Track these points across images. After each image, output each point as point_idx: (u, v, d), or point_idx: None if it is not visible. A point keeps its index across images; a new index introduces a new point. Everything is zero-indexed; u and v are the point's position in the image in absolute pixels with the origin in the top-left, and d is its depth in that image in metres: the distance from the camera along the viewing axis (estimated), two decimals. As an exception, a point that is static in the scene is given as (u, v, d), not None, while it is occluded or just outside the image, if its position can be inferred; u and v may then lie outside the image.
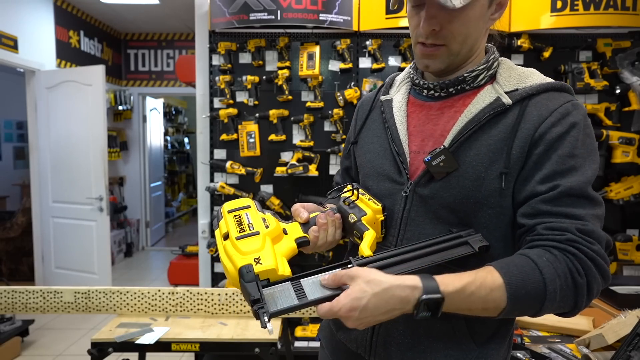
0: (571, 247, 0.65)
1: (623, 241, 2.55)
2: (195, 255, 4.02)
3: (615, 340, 1.35)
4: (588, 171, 0.68)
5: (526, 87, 0.75)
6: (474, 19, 0.74)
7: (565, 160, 0.68)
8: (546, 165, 0.69)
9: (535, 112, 0.72)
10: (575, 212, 0.67)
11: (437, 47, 0.75)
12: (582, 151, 0.69)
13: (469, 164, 0.73)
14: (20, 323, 3.08)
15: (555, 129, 0.69)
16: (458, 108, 0.78)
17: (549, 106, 0.72)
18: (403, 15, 2.54)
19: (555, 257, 0.65)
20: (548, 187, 0.67)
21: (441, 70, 0.79)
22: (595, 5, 2.50)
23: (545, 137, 0.70)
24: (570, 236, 0.65)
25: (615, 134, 2.59)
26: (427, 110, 0.81)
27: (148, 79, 5.85)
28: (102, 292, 2.02)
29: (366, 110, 0.94)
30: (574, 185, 0.67)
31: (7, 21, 3.70)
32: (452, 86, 0.79)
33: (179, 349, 1.83)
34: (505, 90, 0.75)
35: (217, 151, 2.77)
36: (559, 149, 0.69)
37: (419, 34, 0.75)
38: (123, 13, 5.04)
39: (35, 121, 4.15)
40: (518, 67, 0.81)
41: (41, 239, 4.23)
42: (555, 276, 0.64)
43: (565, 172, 0.68)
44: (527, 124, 0.71)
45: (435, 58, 0.76)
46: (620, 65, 2.62)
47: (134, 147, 5.89)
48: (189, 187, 8.77)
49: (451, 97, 0.80)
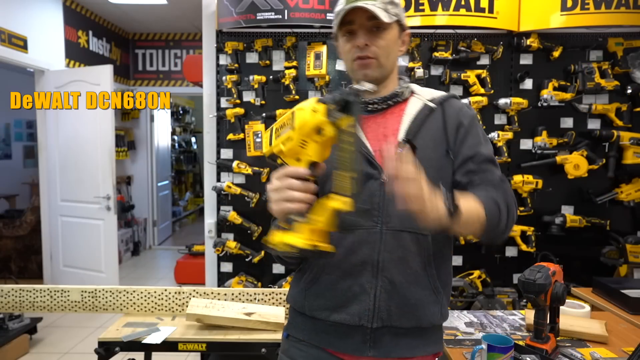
0: (499, 185, 0.99)
1: (634, 243, 2.51)
2: (201, 255, 4.03)
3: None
4: (490, 147, 1.07)
5: (437, 96, 1.07)
6: (392, 41, 1.01)
7: (477, 138, 1.03)
8: (468, 140, 1.02)
9: (451, 110, 1.04)
10: (492, 169, 1.02)
11: (370, 59, 0.99)
12: (482, 133, 1.06)
13: (420, 149, 0.97)
14: (28, 321, 3.11)
15: (466, 120, 1.04)
16: (397, 114, 1.04)
17: (456, 106, 1.06)
18: (411, 14, 2.52)
19: (495, 192, 0.96)
20: (473, 153, 1.01)
21: (376, 79, 1.01)
22: (607, 4, 2.47)
23: (463, 124, 1.03)
24: (497, 180, 1.00)
25: (626, 135, 2.56)
26: (374, 120, 1.04)
27: (156, 78, 5.87)
28: (108, 292, 2.03)
29: None
30: (486, 153, 1.02)
31: (16, 21, 3.73)
32: (389, 99, 1.04)
33: (185, 349, 1.83)
34: (427, 99, 1.05)
35: (223, 151, 2.77)
36: (471, 131, 1.03)
37: (355, 52, 0.99)
38: (131, 13, 5.07)
39: (44, 120, 4.19)
40: (424, 88, 1.12)
41: (50, 237, 4.27)
42: (503, 202, 0.95)
43: (479, 145, 1.02)
44: (450, 118, 1.03)
45: (370, 67, 1.00)
46: (632, 65, 2.58)
47: (141, 147, 5.93)
48: (195, 186, 8.81)
49: (389, 108, 1.05)
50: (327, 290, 0.99)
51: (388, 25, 0.99)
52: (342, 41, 1.03)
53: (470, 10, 2.50)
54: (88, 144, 3.93)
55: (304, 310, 1.03)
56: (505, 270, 2.71)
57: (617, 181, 2.64)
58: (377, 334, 0.97)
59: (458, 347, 1.36)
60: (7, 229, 4.47)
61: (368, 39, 0.98)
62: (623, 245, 2.51)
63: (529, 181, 2.58)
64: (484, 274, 2.64)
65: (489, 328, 1.52)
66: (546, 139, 2.59)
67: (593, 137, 2.60)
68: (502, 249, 2.70)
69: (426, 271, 0.97)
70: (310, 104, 0.78)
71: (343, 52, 1.04)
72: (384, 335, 0.97)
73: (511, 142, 2.63)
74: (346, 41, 1.02)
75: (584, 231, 2.64)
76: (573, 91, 2.58)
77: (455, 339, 1.42)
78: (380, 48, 0.99)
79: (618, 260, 2.54)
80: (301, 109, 0.79)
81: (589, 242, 2.65)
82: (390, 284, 0.95)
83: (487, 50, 2.61)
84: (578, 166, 2.56)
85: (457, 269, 2.69)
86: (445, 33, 2.63)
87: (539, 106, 2.60)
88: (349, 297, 0.97)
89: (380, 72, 1.02)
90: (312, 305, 1.01)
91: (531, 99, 2.62)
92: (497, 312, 1.69)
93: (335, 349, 1.00)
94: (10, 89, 3.69)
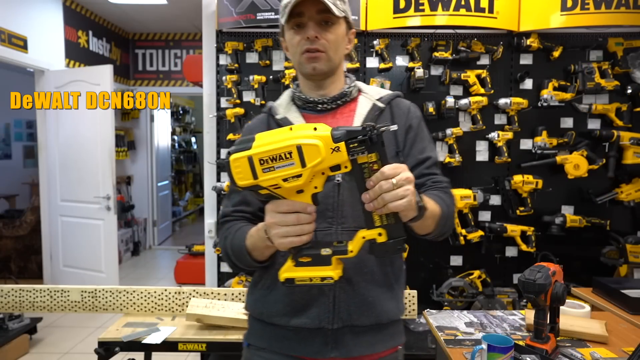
0: (447, 189, 1.06)
1: (634, 243, 2.51)
2: (201, 255, 4.03)
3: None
4: (434, 148, 1.12)
5: (385, 95, 1.09)
6: (340, 36, 1.02)
7: (425, 140, 1.08)
8: (418, 143, 1.07)
9: (399, 110, 1.07)
10: (439, 173, 1.08)
11: (320, 52, 0.99)
12: (428, 135, 1.11)
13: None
14: (28, 321, 3.11)
15: (414, 121, 1.08)
16: (347, 113, 1.06)
17: (404, 107, 1.09)
18: (411, 14, 2.52)
19: (445, 195, 1.02)
20: (424, 157, 1.06)
21: (324, 73, 1.02)
22: (607, 4, 2.46)
23: (412, 126, 1.07)
24: (445, 185, 1.06)
25: (626, 135, 2.56)
26: (324, 120, 1.02)
27: (156, 78, 5.87)
28: (108, 292, 2.03)
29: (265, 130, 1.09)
30: (434, 157, 1.09)
31: (17, 21, 3.73)
32: (339, 99, 1.06)
33: (185, 349, 1.83)
34: (375, 98, 1.08)
35: (223, 151, 2.77)
36: (420, 134, 1.08)
37: (304, 44, 0.99)
38: (131, 13, 5.07)
39: (44, 120, 4.19)
40: (369, 85, 1.16)
41: (49, 237, 4.27)
42: (451, 203, 1.03)
43: (428, 148, 1.08)
44: (398, 118, 1.06)
45: (319, 61, 1.00)
46: (632, 65, 2.58)
47: (141, 147, 5.93)
48: (195, 186, 8.80)
49: (338, 107, 1.07)
50: (285, 296, 0.98)
51: (337, 20, 1.00)
52: (290, 34, 1.02)
53: (470, 10, 2.50)
54: (88, 144, 3.93)
55: (262, 317, 1.03)
56: (505, 270, 2.71)
57: (617, 181, 2.64)
58: (338, 335, 0.98)
59: (458, 347, 1.36)
60: (7, 229, 4.47)
61: (318, 32, 0.98)
62: (623, 245, 2.51)
63: (529, 181, 2.58)
64: (484, 274, 2.64)
65: (489, 328, 1.52)
66: (546, 139, 2.59)
67: (593, 137, 2.60)
68: (502, 249, 2.70)
69: (381, 269, 1.00)
70: (322, 138, 0.74)
71: (291, 46, 1.03)
72: (344, 335, 0.98)
73: (511, 142, 2.63)
74: (294, 34, 1.01)
75: (584, 231, 2.64)
76: (573, 91, 2.58)
77: (455, 339, 1.42)
78: (330, 42, 0.99)
79: (618, 260, 2.54)
80: (312, 145, 0.73)
81: (589, 242, 2.65)
82: (348, 284, 0.96)
83: (487, 50, 2.61)
84: (578, 166, 2.56)
85: (457, 269, 2.69)
86: (445, 33, 2.63)
87: (539, 106, 2.60)
88: (307, 301, 0.97)
89: (329, 66, 1.02)
90: (270, 311, 1.01)
91: (531, 99, 2.62)
92: (497, 312, 1.69)
93: (298, 354, 1.00)
94: (10, 89, 3.68)
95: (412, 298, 2.11)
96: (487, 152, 2.67)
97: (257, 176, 0.75)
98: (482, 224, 2.66)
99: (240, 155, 0.75)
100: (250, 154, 0.75)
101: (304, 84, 1.09)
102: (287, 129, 0.76)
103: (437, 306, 2.46)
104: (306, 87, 1.08)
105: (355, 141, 0.73)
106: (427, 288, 2.64)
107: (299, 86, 1.11)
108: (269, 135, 0.76)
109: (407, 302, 2.10)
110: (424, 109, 2.59)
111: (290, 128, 0.77)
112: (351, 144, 0.73)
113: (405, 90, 2.66)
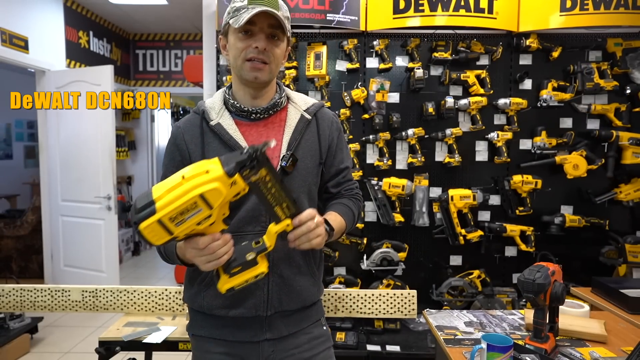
0: (357, 196, 1.26)
1: (633, 243, 2.51)
2: (202, 255, 4.03)
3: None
4: (349, 154, 1.33)
5: (311, 106, 1.19)
6: (283, 51, 1.12)
7: (344, 151, 1.23)
8: (338, 155, 1.22)
9: (323, 123, 1.19)
10: (353, 180, 1.28)
11: (264, 64, 1.07)
12: (346, 144, 1.26)
13: (301, 160, 1.12)
14: (29, 320, 3.11)
15: (335, 133, 1.21)
16: (278, 122, 1.15)
17: (327, 118, 1.21)
18: (410, 15, 2.53)
19: (354, 201, 1.23)
20: (343, 167, 1.22)
21: (264, 83, 1.10)
22: (606, 4, 2.47)
23: (334, 139, 1.20)
24: (355, 192, 1.25)
25: (625, 135, 2.56)
26: (256, 128, 1.13)
27: (156, 79, 5.88)
28: (109, 291, 2.04)
29: (197, 135, 1.14)
30: (350, 166, 1.26)
31: (17, 22, 3.74)
32: (271, 109, 1.14)
33: (186, 348, 1.83)
34: (303, 109, 1.17)
35: (224, 151, 2.77)
36: (340, 145, 1.22)
37: (251, 52, 1.05)
38: (132, 13, 5.08)
39: (45, 121, 4.19)
40: (295, 92, 1.23)
41: (50, 237, 4.27)
42: (357, 209, 1.23)
43: (346, 159, 1.24)
44: (322, 130, 1.18)
45: (262, 72, 1.07)
46: (631, 65, 2.59)
47: (142, 147, 5.93)
48: (196, 186, 8.79)
49: (269, 116, 1.15)
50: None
51: (283, 37, 1.09)
52: (236, 38, 1.07)
53: (470, 10, 2.51)
54: (89, 144, 3.94)
55: (202, 309, 1.13)
56: (504, 270, 2.71)
57: (616, 181, 2.65)
58: (271, 320, 1.13)
59: (458, 346, 1.37)
60: (8, 229, 4.48)
61: (267, 44, 1.06)
62: (622, 245, 2.52)
63: (528, 181, 2.59)
64: (484, 274, 2.64)
65: (489, 327, 1.52)
66: (545, 139, 2.60)
67: (592, 137, 2.60)
68: (502, 249, 2.70)
69: (306, 261, 1.15)
70: (218, 178, 0.79)
71: (234, 49, 1.08)
72: (276, 320, 1.13)
73: (510, 142, 2.63)
74: (241, 39, 1.06)
75: (583, 231, 2.64)
76: (572, 91, 2.59)
77: (454, 339, 1.43)
78: (275, 56, 1.08)
79: (617, 260, 2.54)
80: (213, 190, 0.79)
81: (588, 242, 2.65)
82: (280, 278, 1.11)
83: (486, 50, 2.61)
84: (577, 166, 2.56)
85: (457, 268, 2.70)
86: (444, 33, 2.64)
87: (538, 106, 2.61)
88: (245, 294, 1.09)
89: (269, 77, 1.10)
90: (210, 305, 1.12)
91: (530, 99, 2.62)
92: (497, 311, 1.69)
93: (236, 338, 1.13)
94: (11, 89, 3.69)
95: (412, 298, 2.11)
96: (486, 152, 2.68)
97: (172, 232, 0.81)
98: (482, 223, 2.67)
99: (150, 221, 0.78)
100: (159, 217, 0.78)
101: (238, 88, 1.14)
102: (179, 177, 0.80)
103: (436, 306, 2.47)
104: (240, 92, 1.14)
105: (246, 168, 0.81)
106: (426, 288, 2.64)
107: (231, 88, 1.17)
108: (167, 189, 0.80)
109: (406, 302, 2.11)
110: (424, 109, 2.60)
111: (182, 176, 0.80)
112: (243, 172, 0.81)
113: (405, 91, 2.67)
